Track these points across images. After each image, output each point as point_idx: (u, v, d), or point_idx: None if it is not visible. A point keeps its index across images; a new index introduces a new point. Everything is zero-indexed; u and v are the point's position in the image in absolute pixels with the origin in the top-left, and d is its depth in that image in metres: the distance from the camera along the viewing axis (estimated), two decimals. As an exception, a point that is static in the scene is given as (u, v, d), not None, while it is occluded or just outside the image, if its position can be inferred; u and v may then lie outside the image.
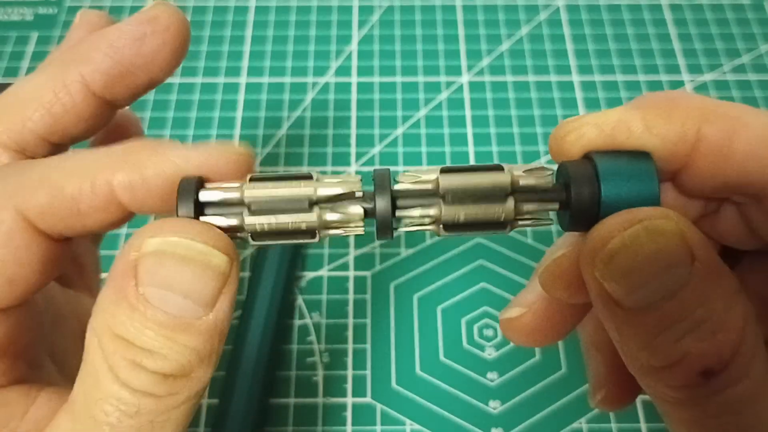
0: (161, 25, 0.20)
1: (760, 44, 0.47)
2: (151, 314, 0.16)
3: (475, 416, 0.34)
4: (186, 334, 0.16)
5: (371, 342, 0.36)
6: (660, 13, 0.49)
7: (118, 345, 0.16)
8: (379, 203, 0.17)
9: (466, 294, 0.37)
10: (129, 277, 0.16)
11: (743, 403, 0.16)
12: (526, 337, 0.22)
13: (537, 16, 0.49)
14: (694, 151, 0.18)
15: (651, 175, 0.17)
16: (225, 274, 0.16)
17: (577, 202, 0.17)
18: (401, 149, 0.42)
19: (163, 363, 0.16)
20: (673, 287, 0.16)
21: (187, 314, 0.16)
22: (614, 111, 0.18)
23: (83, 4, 0.49)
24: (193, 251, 0.16)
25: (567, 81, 0.46)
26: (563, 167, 0.18)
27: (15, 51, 0.47)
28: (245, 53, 0.47)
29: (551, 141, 0.19)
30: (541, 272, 0.20)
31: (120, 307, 0.16)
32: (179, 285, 0.16)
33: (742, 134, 0.17)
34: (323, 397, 0.34)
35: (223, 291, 0.16)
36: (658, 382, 0.16)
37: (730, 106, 0.18)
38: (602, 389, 0.24)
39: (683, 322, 0.16)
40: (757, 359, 0.16)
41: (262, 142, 0.43)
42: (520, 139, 0.43)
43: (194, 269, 0.16)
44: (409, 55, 0.47)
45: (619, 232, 0.16)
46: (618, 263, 0.16)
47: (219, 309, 0.16)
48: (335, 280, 0.38)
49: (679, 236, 0.16)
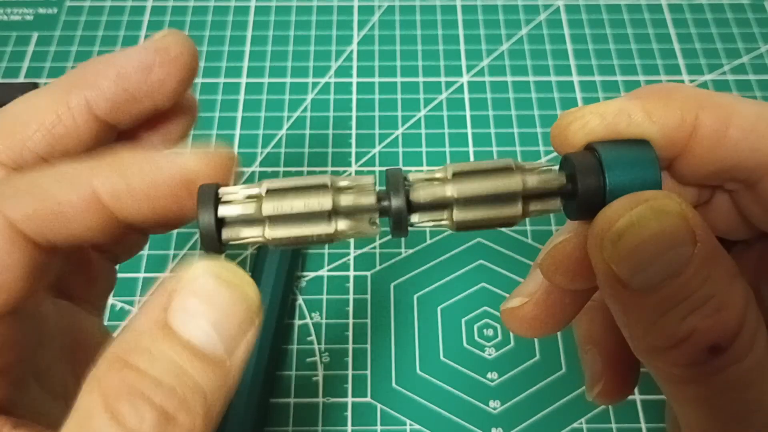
0: (170, 55, 0.21)
1: (760, 44, 0.47)
2: (171, 339, 0.15)
3: (475, 416, 0.34)
4: (200, 369, 0.15)
5: (371, 342, 0.36)
6: (660, 13, 0.49)
7: (125, 374, 0.15)
8: (395, 202, 0.18)
9: (466, 294, 0.37)
10: (159, 307, 0.15)
11: (747, 379, 0.16)
12: (527, 327, 0.23)
13: (537, 16, 0.49)
14: (691, 138, 0.18)
15: (652, 161, 0.18)
16: (254, 314, 0.16)
17: (584, 192, 0.18)
18: (401, 149, 0.42)
19: (169, 397, 0.15)
20: (677, 267, 0.16)
21: (207, 347, 0.15)
22: (615, 101, 0.19)
23: (83, 4, 0.49)
24: (236, 276, 0.16)
25: (567, 81, 0.46)
26: (567, 159, 0.19)
27: (15, 51, 0.47)
28: (245, 53, 0.47)
29: (554, 131, 0.20)
30: (543, 258, 0.21)
31: (141, 336, 0.15)
32: (210, 313, 0.15)
33: (735, 121, 0.18)
34: (323, 397, 0.34)
35: (245, 335, 0.16)
36: (666, 363, 0.17)
37: (724, 96, 0.19)
38: (599, 383, 0.24)
39: (688, 300, 0.16)
40: (759, 337, 0.16)
41: (262, 142, 0.43)
42: (520, 139, 0.43)
43: (231, 295, 0.16)
44: (409, 55, 0.47)
45: (626, 211, 0.17)
46: (625, 242, 0.16)
47: (237, 357, 0.16)
48: (335, 280, 0.38)
49: (681, 216, 0.16)
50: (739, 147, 0.18)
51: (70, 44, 0.47)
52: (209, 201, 0.18)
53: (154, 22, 0.49)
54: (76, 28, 0.48)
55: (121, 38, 0.48)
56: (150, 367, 0.15)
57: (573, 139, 0.19)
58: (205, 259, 0.16)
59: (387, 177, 0.18)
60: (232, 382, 0.16)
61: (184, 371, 0.15)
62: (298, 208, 0.18)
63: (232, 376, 0.16)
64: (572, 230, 0.20)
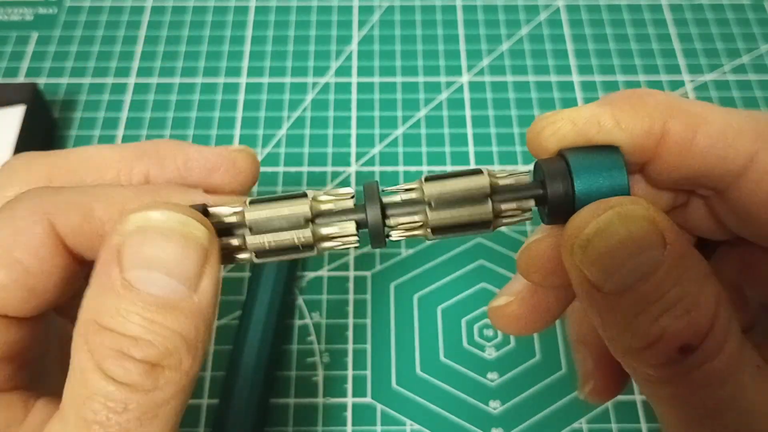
0: (236, 167, 0.22)
1: (760, 44, 0.47)
2: (135, 298, 0.16)
3: (475, 416, 0.34)
4: (170, 316, 0.16)
5: (371, 342, 0.36)
6: (660, 13, 0.49)
7: (104, 337, 0.16)
8: (371, 214, 0.19)
9: (466, 294, 0.37)
10: (113, 264, 0.16)
11: (719, 378, 0.17)
12: (513, 325, 0.23)
13: (537, 16, 0.49)
14: (659, 145, 0.19)
15: (620, 167, 0.19)
16: (205, 248, 0.17)
17: (554, 197, 0.19)
18: (401, 149, 0.42)
19: (149, 350, 0.16)
20: (647, 269, 0.16)
21: (170, 294, 0.16)
22: (587, 107, 0.19)
23: (83, 4, 0.49)
24: (174, 222, 0.17)
25: (567, 81, 0.46)
26: (538, 166, 0.20)
27: (15, 51, 0.47)
28: (245, 53, 0.47)
29: (529, 135, 0.20)
30: (517, 257, 0.22)
31: (105, 296, 0.16)
32: (162, 261, 0.16)
33: (703, 129, 0.18)
34: (323, 397, 0.34)
35: (205, 270, 0.17)
36: (640, 363, 0.17)
37: (694, 104, 0.19)
38: (590, 381, 0.25)
39: (659, 302, 0.16)
40: (731, 337, 0.17)
41: (262, 142, 0.43)
42: (520, 139, 0.43)
43: (176, 242, 0.16)
44: (409, 55, 0.47)
45: (594, 218, 0.17)
46: (594, 248, 0.17)
47: (203, 291, 0.17)
48: (335, 280, 0.38)
49: (649, 220, 0.17)
50: (706, 154, 0.19)
51: (70, 44, 0.47)
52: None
53: (153, 22, 0.49)
54: (76, 28, 0.48)
55: (120, 38, 0.48)
56: (123, 328, 0.16)
57: (546, 144, 0.19)
58: (138, 210, 0.17)
59: (364, 190, 0.19)
60: (206, 311, 0.17)
61: (155, 323, 0.16)
62: (278, 213, 0.18)
63: (204, 307, 0.17)
64: (546, 230, 0.21)
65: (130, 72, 0.46)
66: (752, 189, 0.19)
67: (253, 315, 0.34)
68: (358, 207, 0.19)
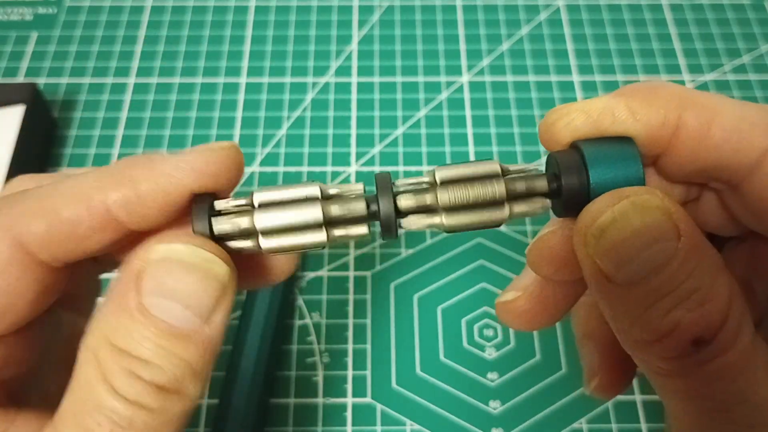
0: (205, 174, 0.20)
1: (760, 44, 0.47)
2: (150, 324, 0.16)
3: (475, 416, 0.33)
4: (181, 345, 0.16)
5: (371, 342, 0.36)
6: (660, 13, 0.49)
7: (115, 355, 0.16)
8: (383, 205, 0.18)
9: (466, 294, 0.37)
10: (131, 289, 0.16)
11: (731, 372, 0.16)
12: (521, 320, 0.23)
13: (537, 16, 0.49)
14: (674, 137, 0.19)
15: (635, 158, 0.18)
16: (225, 286, 0.17)
17: (569, 189, 0.18)
18: (401, 149, 0.42)
19: (158, 374, 0.16)
20: (661, 261, 0.16)
21: (184, 325, 0.16)
22: (600, 98, 0.19)
23: (83, 3, 0.49)
24: (199, 258, 0.17)
25: (567, 81, 0.45)
26: (552, 158, 0.19)
27: (15, 51, 0.47)
28: (245, 53, 0.47)
29: (541, 127, 0.20)
30: (528, 250, 0.21)
31: (121, 316, 0.16)
32: (181, 293, 0.16)
33: (718, 122, 0.18)
34: (323, 397, 0.34)
35: (220, 305, 0.17)
36: (651, 356, 0.17)
37: (708, 96, 0.19)
38: (596, 377, 0.25)
39: (672, 294, 0.16)
40: (744, 330, 0.17)
41: (262, 142, 0.43)
42: (520, 139, 0.43)
43: (197, 276, 0.17)
44: (409, 55, 0.47)
45: (609, 207, 0.17)
46: (608, 238, 0.17)
47: (214, 324, 0.17)
48: (335, 280, 0.38)
49: (664, 211, 0.17)
50: (721, 147, 0.18)
51: (69, 44, 0.47)
52: (204, 209, 0.18)
53: (153, 22, 0.49)
54: (75, 27, 0.48)
55: (120, 38, 0.48)
56: (136, 350, 0.16)
57: (559, 136, 0.19)
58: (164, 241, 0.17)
59: (376, 182, 0.19)
60: (215, 343, 0.17)
61: (167, 350, 0.16)
62: (291, 221, 0.18)
63: (213, 339, 0.17)
64: (558, 223, 0.21)
65: (129, 72, 0.46)
66: (766, 182, 0.18)
67: (253, 315, 0.34)
68: (370, 201, 0.19)
